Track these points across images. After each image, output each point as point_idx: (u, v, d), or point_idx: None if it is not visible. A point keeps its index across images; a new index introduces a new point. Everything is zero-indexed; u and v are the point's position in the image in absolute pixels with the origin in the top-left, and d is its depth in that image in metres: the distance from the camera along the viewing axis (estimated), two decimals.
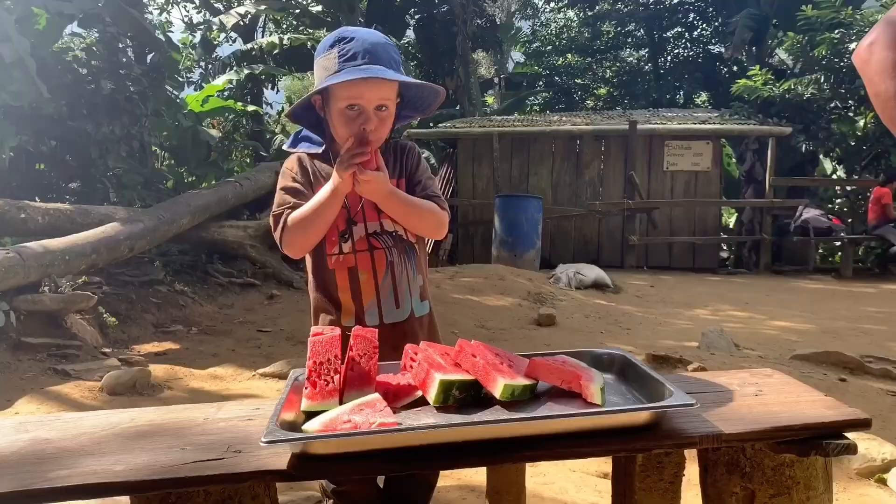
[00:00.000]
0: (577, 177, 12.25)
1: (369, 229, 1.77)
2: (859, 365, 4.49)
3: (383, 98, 1.69)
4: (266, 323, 5.65)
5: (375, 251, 1.77)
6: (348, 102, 1.68)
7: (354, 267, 1.77)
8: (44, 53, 7.25)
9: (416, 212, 1.76)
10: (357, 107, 1.68)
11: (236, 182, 7.91)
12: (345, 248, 1.77)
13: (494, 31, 20.31)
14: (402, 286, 1.79)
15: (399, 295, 1.79)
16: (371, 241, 1.77)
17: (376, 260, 1.77)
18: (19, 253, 4.53)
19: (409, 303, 1.80)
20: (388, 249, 1.78)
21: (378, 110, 1.69)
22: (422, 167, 1.86)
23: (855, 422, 1.28)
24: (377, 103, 1.68)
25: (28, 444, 1.31)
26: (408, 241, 1.81)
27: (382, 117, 1.70)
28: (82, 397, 3.58)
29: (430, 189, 1.83)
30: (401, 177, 1.82)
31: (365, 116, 1.67)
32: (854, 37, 11.31)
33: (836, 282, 10.33)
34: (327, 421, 1.20)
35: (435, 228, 1.81)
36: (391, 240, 1.78)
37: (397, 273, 1.78)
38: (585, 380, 1.32)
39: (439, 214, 1.79)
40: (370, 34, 1.72)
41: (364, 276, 1.77)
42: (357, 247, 1.77)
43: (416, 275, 1.82)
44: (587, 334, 5.68)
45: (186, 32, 17.61)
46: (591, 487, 2.61)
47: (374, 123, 1.68)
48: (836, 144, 12.63)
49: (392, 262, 1.78)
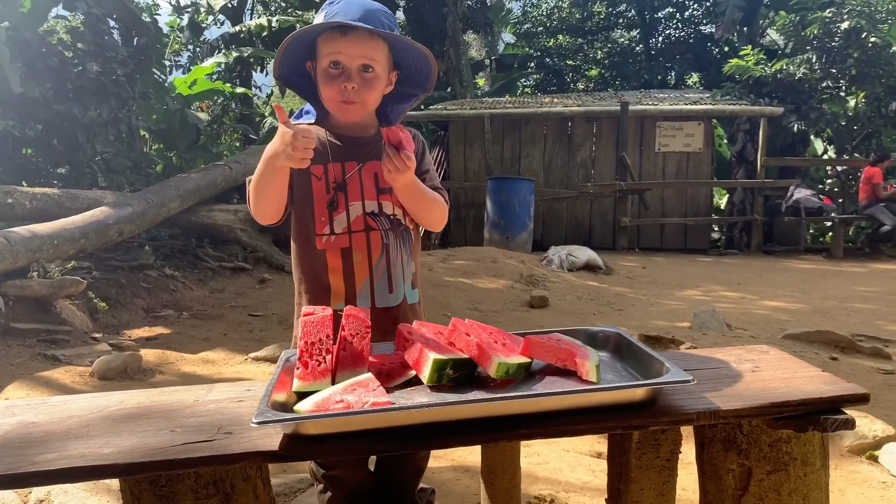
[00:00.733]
0: (569, 158, 12.22)
1: (367, 209, 1.70)
2: (850, 344, 4.51)
3: (366, 56, 1.60)
4: (257, 307, 5.62)
5: (372, 232, 1.70)
6: (330, 59, 1.61)
7: (349, 248, 1.69)
8: (29, 36, 7.15)
9: (429, 204, 1.71)
10: (340, 65, 1.61)
11: (226, 165, 7.85)
12: (337, 228, 1.69)
13: (485, 12, 20.17)
14: (397, 270, 1.73)
15: (392, 279, 1.72)
16: (368, 221, 1.70)
17: (372, 241, 1.70)
18: (7, 238, 4.49)
19: (402, 288, 1.74)
20: (385, 232, 1.71)
21: (363, 71, 1.62)
22: (427, 156, 1.79)
23: (853, 397, 1.27)
24: (360, 62, 1.61)
25: (15, 427, 1.28)
26: (405, 225, 1.75)
27: (367, 78, 1.62)
28: (73, 382, 3.55)
29: (436, 180, 1.78)
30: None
31: (346, 75, 1.61)
32: (846, 16, 11.27)
33: (827, 262, 10.37)
34: (319, 401, 1.18)
35: (439, 222, 1.76)
36: (388, 222, 1.72)
37: (392, 257, 1.72)
38: (580, 357, 1.30)
39: (444, 209, 1.75)
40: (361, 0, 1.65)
41: (359, 258, 1.69)
42: (353, 227, 1.69)
43: (410, 261, 1.77)
44: (579, 316, 5.68)
45: (174, 15, 17.42)
46: (584, 467, 2.61)
47: (356, 83, 1.61)
48: (827, 124, 12.65)
49: (388, 244, 1.71)
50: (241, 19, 16.78)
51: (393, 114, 1.81)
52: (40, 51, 7.20)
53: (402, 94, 1.77)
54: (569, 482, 2.46)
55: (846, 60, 11.68)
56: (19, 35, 6.95)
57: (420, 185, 1.67)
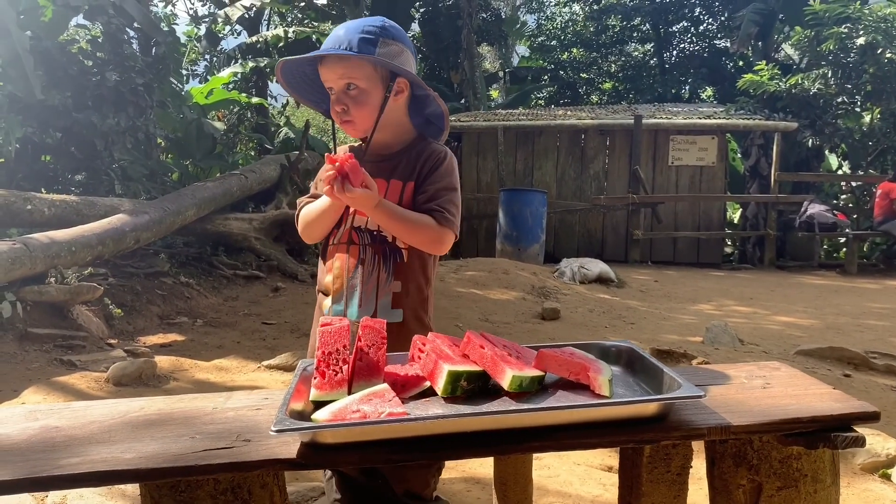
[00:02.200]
0: (582, 171, 12.23)
1: (355, 223, 1.78)
2: (863, 360, 4.49)
3: (343, 76, 1.71)
4: (271, 315, 5.66)
5: (352, 245, 1.77)
6: (326, 87, 1.76)
7: (335, 258, 1.80)
8: (49, 45, 7.26)
9: (405, 226, 1.70)
10: (332, 90, 1.74)
11: (241, 174, 7.93)
12: (335, 239, 1.80)
13: (499, 24, 20.26)
14: (369, 287, 1.75)
15: (363, 294, 1.75)
16: (352, 235, 1.78)
17: (350, 255, 1.77)
18: (26, 244, 4.55)
19: (374, 305, 1.75)
20: (364, 247, 1.76)
21: (347, 90, 1.72)
22: (436, 176, 1.77)
23: (863, 414, 1.28)
24: (341, 83, 1.72)
25: (38, 432, 1.31)
26: (392, 244, 1.76)
27: (352, 96, 1.72)
28: (88, 388, 3.59)
29: (437, 201, 1.74)
30: (409, 180, 1.77)
31: (336, 97, 1.73)
32: (861, 31, 11.25)
33: (841, 277, 10.31)
34: (336, 410, 1.21)
35: (428, 244, 1.74)
36: (369, 238, 1.77)
37: (365, 273, 1.75)
38: (593, 371, 1.32)
39: (433, 230, 1.70)
40: (347, 23, 1.76)
41: (338, 270, 1.78)
42: (341, 238, 1.79)
43: (392, 280, 1.76)
44: (591, 328, 5.68)
45: (191, 25, 17.61)
46: (595, 480, 2.61)
47: (343, 103, 1.72)
48: (841, 140, 12.58)
49: (363, 259, 1.75)
50: (258, 30, 16.93)
51: (435, 120, 1.86)
52: (61, 60, 7.31)
53: (423, 97, 1.82)
54: (579, 495, 2.47)
55: (861, 76, 11.64)
56: (40, 44, 7.05)
57: (392, 210, 1.69)
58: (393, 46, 1.73)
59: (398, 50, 1.74)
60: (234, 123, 12.86)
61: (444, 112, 1.83)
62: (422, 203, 1.74)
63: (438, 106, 1.82)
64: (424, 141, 1.84)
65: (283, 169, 8.67)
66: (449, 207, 1.74)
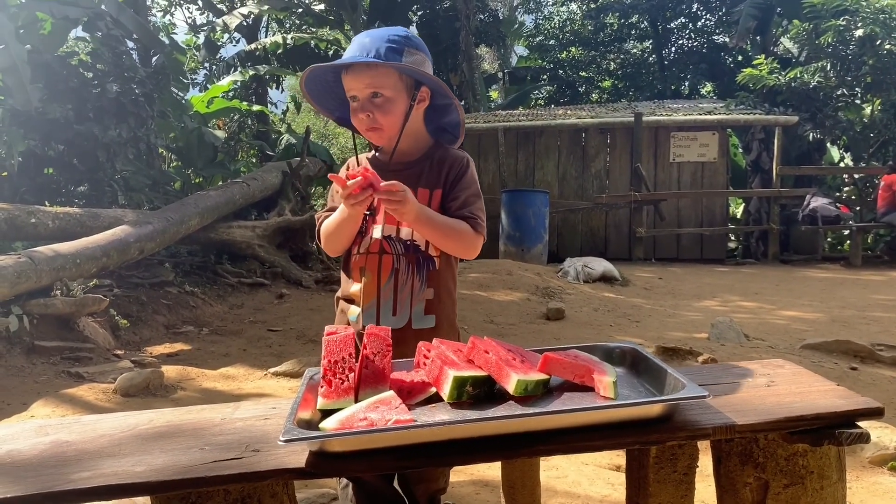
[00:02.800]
0: (584, 170, 12.24)
1: (385, 232, 1.78)
2: (870, 353, 4.48)
3: (370, 85, 1.71)
4: (276, 322, 5.67)
5: (384, 255, 1.78)
6: (349, 95, 1.76)
7: (364, 267, 1.79)
8: (49, 58, 7.29)
9: (446, 233, 1.73)
10: (356, 98, 1.74)
11: (243, 182, 7.95)
12: (361, 248, 1.80)
13: (497, 25, 20.28)
14: (404, 295, 1.77)
15: (398, 303, 1.78)
16: (383, 244, 1.78)
17: (383, 264, 1.78)
18: (31, 257, 4.57)
19: (409, 313, 1.78)
20: (397, 256, 1.78)
21: (373, 98, 1.72)
22: (464, 182, 1.80)
23: (867, 410, 1.29)
24: (367, 91, 1.72)
25: (49, 446, 1.32)
26: (425, 252, 1.79)
27: (378, 104, 1.72)
28: (96, 399, 3.61)
29: (469, 208, 1.77)
30: (436, 188, 1.80)
31: (361, 105, 1.73)
32: (860, 23, 11.24)
33: (846, 270, 10.29)
34: (344, 419, 1.22)
35: (464, 250, 1.78)
36: (402, 247, 1.78)
37: (400, 281, 1.77)
38: (598, 373, 1.33)
39: (470, 237, 1.75)
40: (374, 31, 1.76)
41: (369, 278, 1.78)
42: (371, 248, 1.79)
43: (425, 287, 1.79)
44: (596, 328, 5.68)
45: (190, 34, 17.66)
46: (603, 480, 2.62)
47: (369, 110, 1.72)
48: (843, 132, 12.58)
49: (398, 269, 1.77)
50: (257, 37, 16.99)
51: (451, 128, 1.87)
52: (61, 72, 7.34)
53: (442, 106, 1.84)
54: (588, 495, 2.47)
55: (861, 68, 11.64)
56: (40, 57, 7.08)
57: (430, 216, 1.71)
58: (417, 56, 1.76)
59: (421, 59, 1.77)
60: (235, 131, 12.91)
61: (461, 121, 1.86)
62: (454, 210, 1.77)
63: (457, 115, 1.85)
64: (442, 147, 1.86)
65: (284, 176, 8.69)
66: (479, 214, 1.79)
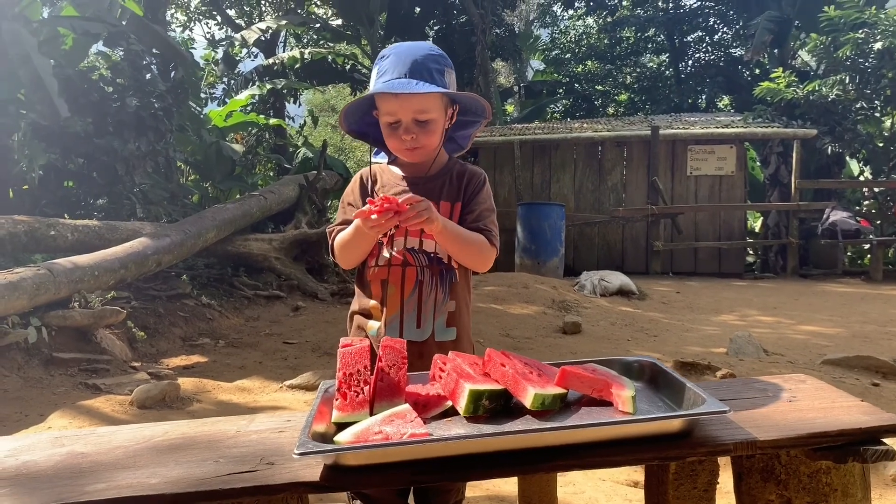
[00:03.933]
0: (600, 183, 12.20)
1: (408, 244, 1.79)
2: (892, 369, 4.41)
3: (418, 110, 1.72)
4: (292, 335, 5.68)
5: (408, 267, 1.78)
6: (388, 119, 1.75)
7: (386, 279, 1.79)
8: (71, 73, 7.39)
9: (467, 246, 1.75)
10: (398, 122, 1.74)
11: (261, 195, 7.99)
12: (381, 261, 1.80)
13: (513, 39, 20.34)
14: (427, 307, 1.79)
15: (422, 315, 1.78)
16: (407, 256, 1.79)
17: (406, 276, 1.78)
18: (50, 269, 4.61)
19: (432, 325, 1.79)
20: (421, 268, 1.78)
21: (417, 121, 1.73)
22: (481, 197, 1.84)
23: (893, 427, 1.26)
24: (413, 116, 1.72)
25: (64, 458, 1.32)
26: (447, 265, 1.81)
27: (423, 125, 1.74)
28: (113, 411, 3.62)
29: (484, 222, 1.81)
30: (456, 201, 1.82)
31: (404, 128, 1.73)
32: (878, 36, 11.15)
33: (866, 285, 10.16)
34: (358, 432, 1.21)
35: (481, 263, 1.81)
36: (426, 259, 1.79)
37: (424, 293, 1.78)
38: (616, 388, 1.31)
39: (487, 251, 1.78)
40: (409, 48, 1.76)
41: (392, 290, 1.78)
42: (393, 260, 1.79)
43: (448, 300, 1.81)
44: (613, 342, 5.64)
45: (209, 49, 17.85)
46: (621, 496, 2.58)
47: (413, 132, 1.73)
48: (862, 145, 12.45)
49: (422, 281, 1.78)
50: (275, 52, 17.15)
51: (461, 140, 1.91)
52: (82, 86, 7.44)
53: (463, 121, 1.86)
54: None
55: (880, 81, 11.53)
56: (62, 71, 7.18)
57: (455, 230, 1.73)
58: (452, 74, 1.79)
59: (454, 77, 1.80)
60: (253, 145, 13.00)
61: (473, 134, 1.91)
62: (470, 222, 1.79)
63: (473, 129, 1.89)
64: (456, 161, 1.89)
65: (301, 189, 8.74)
66: (493, 228, 1.83)
